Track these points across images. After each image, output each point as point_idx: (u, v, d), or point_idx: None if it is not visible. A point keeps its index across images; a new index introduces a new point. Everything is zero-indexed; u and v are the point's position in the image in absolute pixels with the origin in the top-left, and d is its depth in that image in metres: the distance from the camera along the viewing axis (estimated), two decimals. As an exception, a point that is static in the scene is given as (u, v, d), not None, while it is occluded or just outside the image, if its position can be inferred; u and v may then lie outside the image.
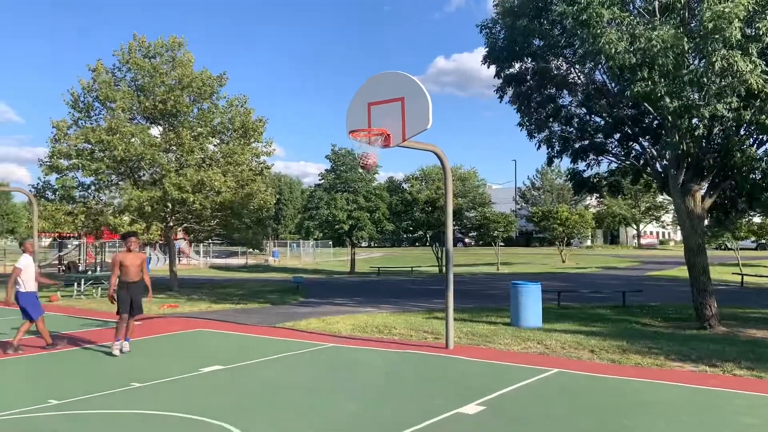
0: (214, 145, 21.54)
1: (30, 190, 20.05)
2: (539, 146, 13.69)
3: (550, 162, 14.28)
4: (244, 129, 21.27)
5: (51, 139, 19.77)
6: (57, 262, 37.64)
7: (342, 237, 37.45)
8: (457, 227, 41.57)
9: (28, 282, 9.50)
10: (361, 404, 6.37)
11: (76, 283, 19.71)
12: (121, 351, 9.09)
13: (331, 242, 49.13)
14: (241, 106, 21.53)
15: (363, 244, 57.58)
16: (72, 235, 30.31)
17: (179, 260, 41.39)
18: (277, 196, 61.26)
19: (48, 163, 19.69)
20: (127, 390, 6.97)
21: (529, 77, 13.71)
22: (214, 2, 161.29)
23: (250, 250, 51.39)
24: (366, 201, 35.53)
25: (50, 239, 45.53)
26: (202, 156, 20.59)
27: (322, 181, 37.38)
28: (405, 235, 58.53)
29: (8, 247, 49.88)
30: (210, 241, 46.54)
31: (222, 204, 20.35)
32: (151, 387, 7.13)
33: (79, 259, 36.43)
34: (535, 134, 13.77)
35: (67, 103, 20.26)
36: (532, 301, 11.73)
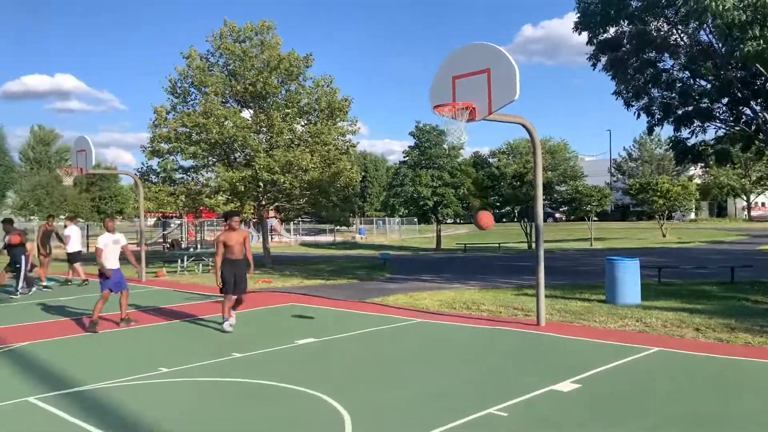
0: (302, 126, 22.04)
1: (135, 174, 21.39)
2: (638, 115, 12.99)
3: (650, 131, 13.54)
4: (330, 109, 21.61)
5: (151, 125, 20.94)
6: (162, 240, 40.08)
7: (427, 214, 37.43)
8: (546, 202, 40.39)
9: (108, 259, 9.59)
10: (452, 379, 6.38)
11: (179, 260, 20.93)
12: (230, 326, 9.23)
13: (416, 219, 49.28)
14: (327, 86, 21.86)
15: (448, 221, 57.31)
16: (174, 214, 32.15)
17: (271, 238, 43.02)
18: (362, 174, 62.07)
19: (150, 148, 20.90)
20: (229, 360, 7.35)
21: (625, 41, 12.98)
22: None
23: (338, 227, 52.52)
24: (451, 177, 35.25)
25: (154, 219, 48.55)
26: (291, 137, 21.14)
27: (407, 158, 37.41)
28: (492, 211, 57.79)
29: (117, 226, 53.64)
30: (300, 219, 47.99)
31: (310, 183, 20.85)
32: (250, 357, 7.47)
33: (182, 237, 38.58)
34: (633, 102, 13.07)
35: (165, 89, 21.37)
36: (629, 277, 11.23)
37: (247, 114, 21.76)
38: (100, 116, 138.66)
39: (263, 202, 21.67)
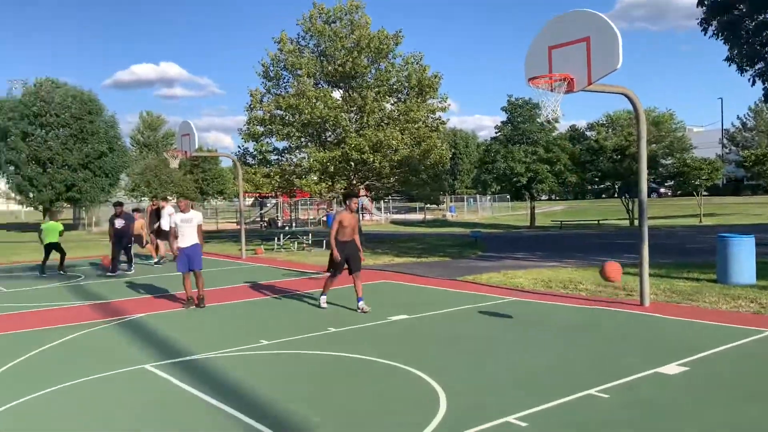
0: (391, 104, 22.07)
1: (235, 156, 22.34)
2: (753, 81, 11.94)
3: (767, 98, 12.42)
4: (420, 86, 21.47)
5: (247, 108, 21.73)
6: (259, 219, 41.79)
7: (520, 190, 36.58)
8: (651, 176, 38.26)
9: (183, 238, 9.63)
10: (549, 358, 6.22)
11: (276, 238, 21.76)
12: (361, 310, 8.90)
13: (508, 196, 48.27)
14: (417, 64, 21.71)
15: (543, 198, 55.68)
16: (270, 195, 33.39)
17: (362, 216, 43.69)
18: (452, 151, 61.42)
19: (246, 131, 21.72)
20: (325, 334, 7.56)
21: (739, 2, 11.91)
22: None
23: (428, 205, 52.46)
24: (546, 152, 34.16)
25: (251, 199, 50.65)
26: (380, 115, 21.24)
27: (499, 133, 36.63)
28: (590, 187, 55.38)
29: (218, 206, 56.34)
30: (390, 197, 48.37)
31: (400, 161, 20.90)
32: (345, 332, 7.66)
33: (277, 216, 40.05)
34: (747, 68, 12.03)
35: (258, 74, 22.06)
36: (744, 255, 10.45)
37: (337, 94, 22.07)
38: (200, 101, 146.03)
39: (354, 181, 21.98)
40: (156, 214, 16.74)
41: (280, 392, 5.29)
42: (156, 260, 16.39)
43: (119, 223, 14.29)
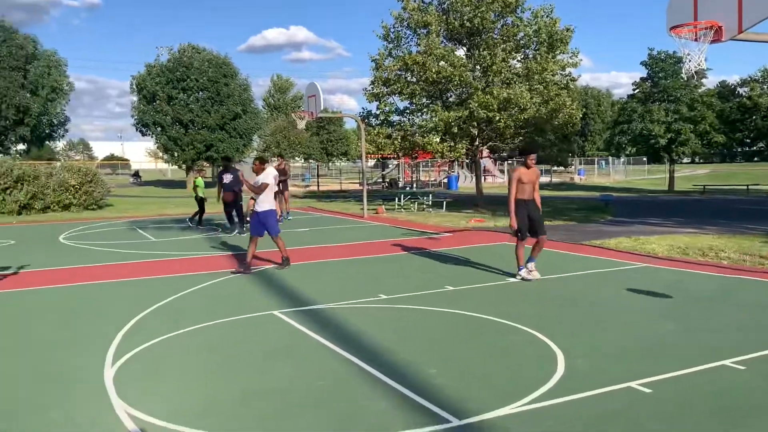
0: (518, 61, 21.24)
1: (359, 116, 22.75)
2: None
3: None
4: (550, 41, 20.43)
5: (372, 68, 21.92)
6: (381, 180, 42.53)
7: (658, 153, 34.03)
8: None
9: (258, 202, 9.23)
10: (680, 327, 5.83)
11: (397, 198, 22.08)
12: (530, 274, 8.22)
13: (645, 159, 45.16)
14: (547, 17, 20.63)
15: (685, 161, 51.49)
16: (392, 156, 33.79)
17: (485, 178, 43.00)
18: (583, 111, 58.29)
19: (370, 91, 21.96)
20: (443, 291, 7.61)
21: None
22: None
23: (555, 167, 50.49)
24: (690, 110, 31.38)
25: (374, 160, 51.62)
26: (508, 74, 20.53)
27: (636, 90, 34.11)
28: (739, 149, 50.41)
29: (342, 167, 58.05)
30: (515, 159, 47.12)
31: (526, 121, 20.17)
32: (463, 291, 7.65)
33: (399, 177, 40.52)
34: None
35: (379, 36, 22.08)
36: None
37: (460, 52, 21.60)
38: (327, 64, 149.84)
39: (476, 142, 21.60)
40: (281, 174, 17.32)
41: (397, 343, 5.42)
42: (279, 217, 16.99)
43: (227, 178, 14.12)
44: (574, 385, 4.33)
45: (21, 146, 38.11)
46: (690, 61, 7.57)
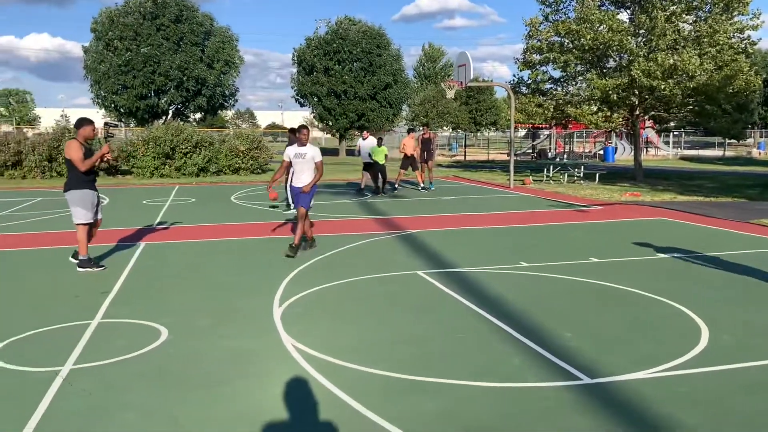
0: (690, 24, 19.56)
1: (509, 85, 22.43)
2: None
3: None
4: (727, 1, 18.56)
5: (525, 36, 21.40)
6: (531, 150, 41.53)
7: None
8: None
9: (296, 175, 8.34)
10: None
11: (545, 169, 21.61)
12: None
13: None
14: (724, -27, 18.71)
15: None
16: (543, 126, 32.82)
17: (647, 150, 40.22)
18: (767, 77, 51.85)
19: (522, 59, 21.50)
20: (587, 263, 7.58)
21: None
22: None
23: (729, 140, 45.84)
24: None
25: (525, 130, 50.32)
26: (675, 37, 19.02)
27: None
28: None
29: (490, 137, 57.26)
30: (682, 130, 43.43)
31: (695, 89, 18.62)
32: (607, 263, 7.57)
33: (550, 148, 39.28)
34: None
35: (538, 0, 21.39)
36: None
37: (624, 16, 20.34)
38: (479, 31, 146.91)
39: (637, 112, 20.36)
40: (426, 143, 17.58)
41: (535, 307, 5.61)
42: (422, 185, 17.36)
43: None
44: (715, 357, 4.28)
45: (198, 115, 42.37)
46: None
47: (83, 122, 7.06)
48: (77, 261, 7.15)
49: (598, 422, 3.38)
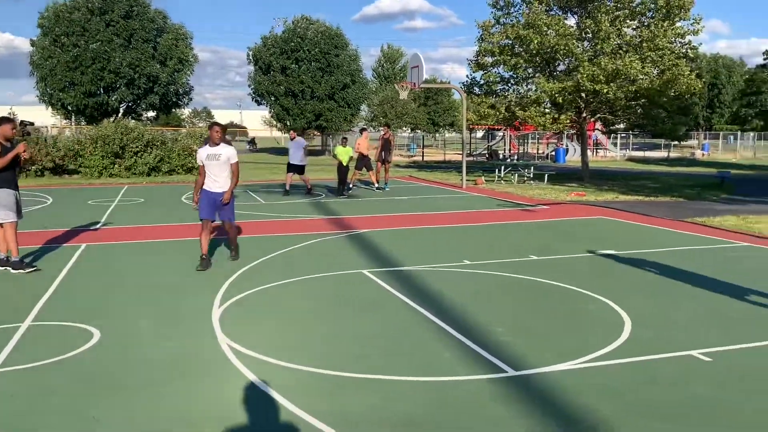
0: (633, 29, 20.24)
1: (461, 87, 22.76)
2: None
3: None
4: (668, 7, 19.28)
5: (478, 38, 21.77)
6: (486, 151, 42.18)
7: (792, 127, 31.09)
8: None
9: (210, 179, 7.41)
10: (760, 303, 5.70)
11: (497, 170, 22.01)
12: None
13: (778, 134, 41.39)
14: (665, -19, 19.43)
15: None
16: (499, 127, 33.39)
17: (596, 152, 41.32)
18: (713, 81, 53.89)
19: (475, 61, 21.86)
20: (526, 260, 7.81)
21: None
22: None
23: (675, 142, 47.50)
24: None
25: (482, 131, 51.05)
26: (619, 42, 19.66)
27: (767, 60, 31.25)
28: None
29: (447, 137, 57.89)
30: (630, 132, 44.75)
31: (638, 93, 19.28)
32: (546, 260, 7.82)
33: (503, 149, 39.98)
34: None
35: (489, 3, 21.79)
36: None
37: (572, 21, 20.91)
38: (439, 33, 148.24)
39: (584, 114, 20.95)
40: (386, 143, 17.73)
41: (472, 304, 5.77)
42: (377, 185, 17.43)
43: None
44: (634, 349, 4.51)
45: (151, 113, 41.50)
46: None
47: (1, 121, 6.90)
48: (11, 264, 6.98)
49: (518, 412, 3.54)
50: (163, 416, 3.52)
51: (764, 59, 31.54)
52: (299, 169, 16.18)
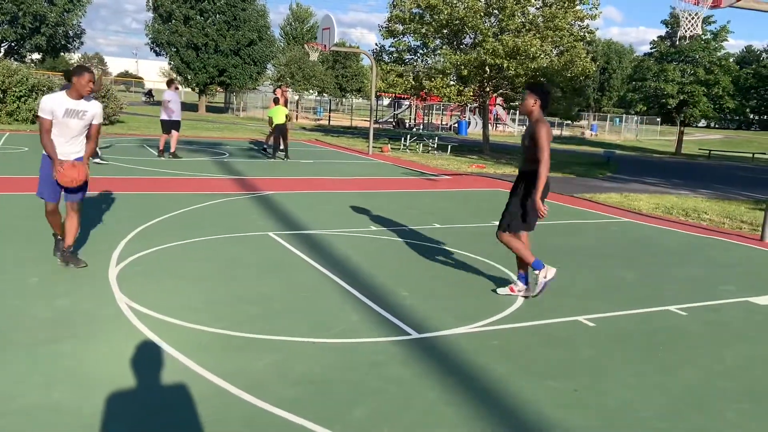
0: (537, 8, 20.98)
1: (371, 54, 22.68)
2: None
3: None
4: (570, -11, 20.14)
5: (390, 5, 21.69)
6: (391, 119, 42.49)
7: (670, 113, 33.81)
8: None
9: (62, 141, 7.93)
10: (640, 275, 6.28)
11: (403, 138, 22.30)
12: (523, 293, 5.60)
13: (659, 119, 44.81)
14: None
15: (700, 125, 51.01)
16: (405, 96, 33.69)
17: (496, 126, 42.83)
18: (605, 65, 57.17)
19: (386, 27, 21.81)
20: (430, 228, 8.06)
21: None
22: None
23: (567, 122, 50.14)
24: (706, 73, 30.99)
25: (389, 99, 51.30)
26: (523, 21, 20.32)
27: (654, 49, 33.56)
28: (754, 117, 49.74)
29: (354, 103, 57.69)
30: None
31: (536, 71, 20.12)
32: (448, 229, 8.10)
33: (409, 118, 40.47)
34: None
35: (400, -30, 21.71)
36: None
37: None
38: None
39: (487, 89, 21.60)
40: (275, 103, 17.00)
41: (378, 269, 5.90)
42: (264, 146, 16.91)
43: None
44: (527, 314, 4.83)
45: (36, 56, 38.06)
46: (685, 24, 7.70)
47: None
48: None
49: (420, 372, 3.70)
50: (56, 374, 3.36)
51: (650, 48, 33.78)
52: (177, 125, 14.15)
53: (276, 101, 15.68)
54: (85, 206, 7.75)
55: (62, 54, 41.77)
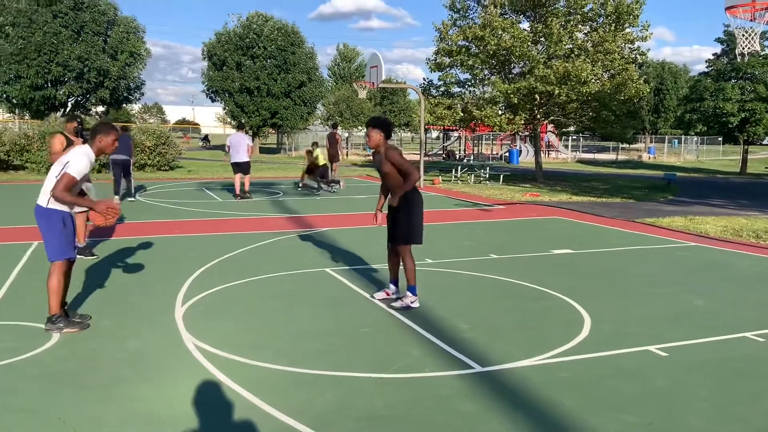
0: (584, 34, 20.82)
1: (419, 87, 22.93)
2: None
3: None
4: (618, 13, 19.92)
5: (436, 39, 21.97)
6: (441, 151, 42.60)
7: (732, 132, 32.59)
8: None
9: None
10: (712, 301, 5.99)
11: (454, 170, 22.28)
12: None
13: (720, 139, 43.26)
14: (615, -12, 20.06)
15: (765, 142, 48.95)
16: (453, 128, 33.76)
17: (548, 154, 42.28)
18: (659, 86, 55.78)
19: (434, 61, 22.06)
20: (487, 259, 7.95)
21: None
22: None
23: (623, 145, 49.02)
24: (767, 90, 29.83)
25: (438, 132, 51.52)
26: (571, 46, 20.19)
27: (710, 68, 32.62)
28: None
29: (403, 137, 58.19)
30: (581, 135, 45.96)
31: (589, 96, 19.84)
32: (506, 259, 7.97)
33: (459, 149, 40.47)
34: None
35: (445, 6, 22.04)
36: None
37: (526, 25, 21.34)
38: (394, 33, 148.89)
39: (537, 116, 21.43)
40: (335, 143, 18.02)
41: (437, 302, 5.85)
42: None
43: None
44: (595, 345, 4.66)
45: (100, 108, 40.23)
46: (742, 41, 7.46)
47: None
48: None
49: (486, 407, 3.62)
50: (130, 415, 3.45)
51: (707, 67, 32.85)
52: (246, 168, 14.60)
53: (332, 142, 17.22)
54: (150, 249, 8.06)
55: (124, 105, 44.02)
